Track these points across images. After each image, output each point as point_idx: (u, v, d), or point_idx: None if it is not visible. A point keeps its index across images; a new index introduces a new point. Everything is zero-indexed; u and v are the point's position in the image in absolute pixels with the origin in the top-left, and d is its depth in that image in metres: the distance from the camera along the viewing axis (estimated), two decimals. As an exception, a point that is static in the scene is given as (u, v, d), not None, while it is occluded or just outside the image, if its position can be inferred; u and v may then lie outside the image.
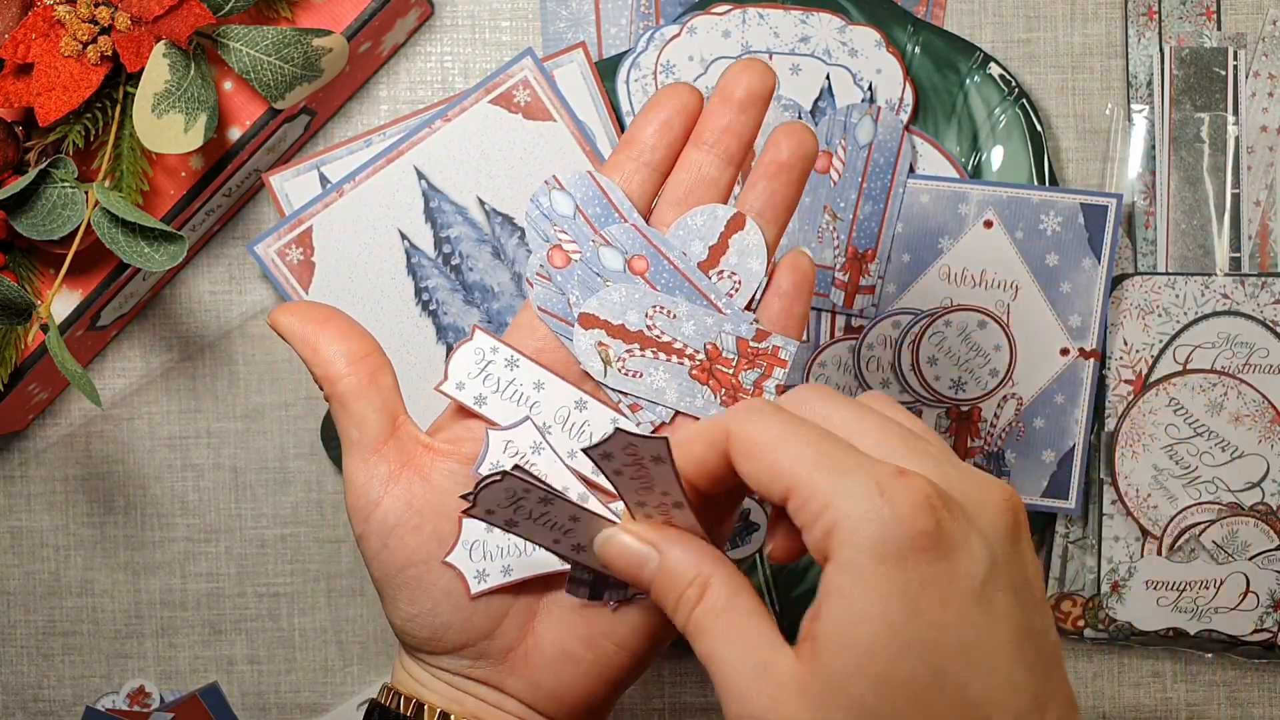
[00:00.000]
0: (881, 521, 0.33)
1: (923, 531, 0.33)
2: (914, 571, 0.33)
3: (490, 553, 0.43)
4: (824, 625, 0.34)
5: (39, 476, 0.70)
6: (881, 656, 0.33)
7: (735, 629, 0.36)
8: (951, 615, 0.33)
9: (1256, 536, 0.65)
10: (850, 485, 0.34)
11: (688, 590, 0.37)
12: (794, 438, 0.35)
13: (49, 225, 0.58)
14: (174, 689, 0.70)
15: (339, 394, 0.43)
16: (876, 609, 0.33)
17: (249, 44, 0.59)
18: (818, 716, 0.33)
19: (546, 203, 0.43)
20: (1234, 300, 0.65)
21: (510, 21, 0.69)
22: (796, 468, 0.34)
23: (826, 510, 0.34)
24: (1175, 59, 0.66)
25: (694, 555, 0.38)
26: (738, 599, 0.37)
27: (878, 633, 0.33)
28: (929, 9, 0.68)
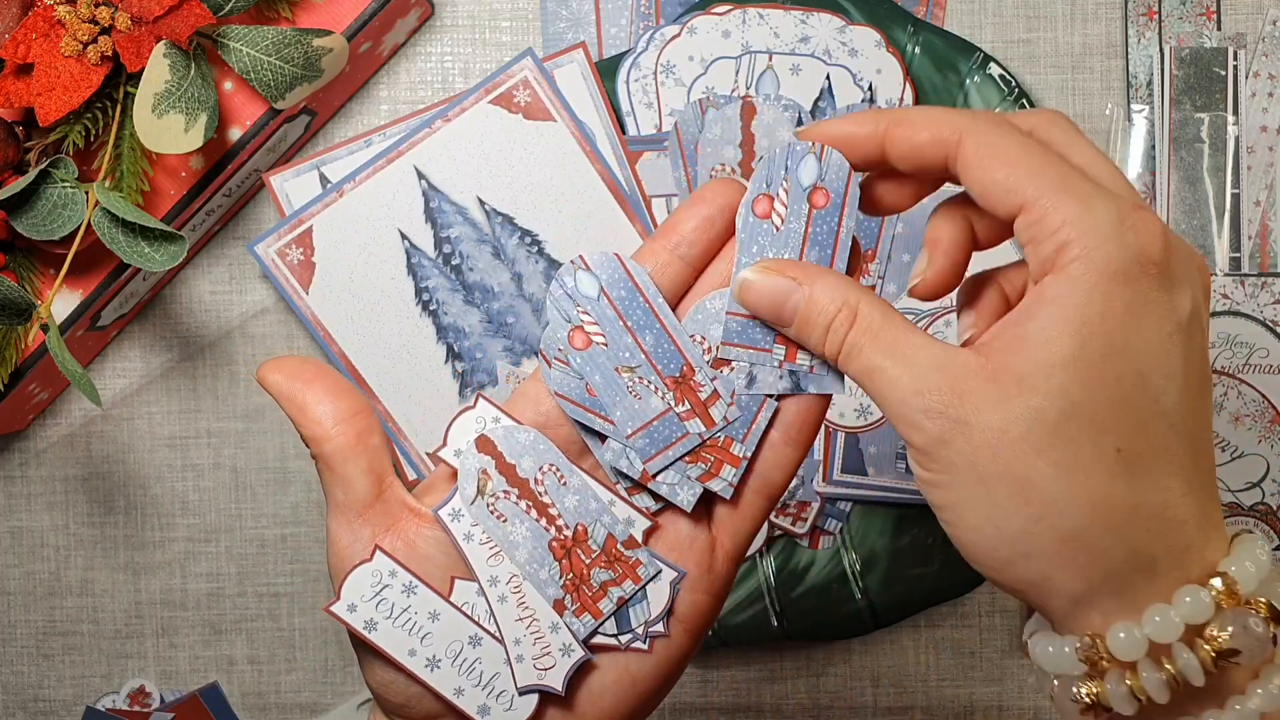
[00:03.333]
0: (1122, 243, 0.35)
1: (1154, 260, 0.36)
2: (1139, 292, 0.35)
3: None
4: (1036, 325, 0.36)
5: (39, 476, 0.70)
6: (1095, 355, 0.35)
7: (895, 340, 0.37)
8: (1161, 336, 0.36)
9: (1256, 536, 0.65)
10: (1093, 206, 0.36)
11: (837, 316, 0.39)
12: (1035, 156, 0.37)
13: (49, 225, 0.58)
14: (174, 689, 0.70)
15: (325, 455, 0.43)
16: (1098, 314, 0.35)
17: (249, 44, 0.59)
18: (1007, 401, 0.35)
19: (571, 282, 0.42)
20: (1234, 300, 0.65)
21: (510, 21, 0.69)
22: (1037, 184, 0.36)
23: (1064, 227, 0.36)
24: (1175, 59, 0.66)
25: (839, 284, 0.39)
26: (890, 317, 0.38)
27: (1094, 335, 0.35)
28: (929, 9, 0.68)
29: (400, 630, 0.42)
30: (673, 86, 0.66)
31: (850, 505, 0.67)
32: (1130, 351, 0.35)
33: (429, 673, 0.42)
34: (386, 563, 0.42)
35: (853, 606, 0.66)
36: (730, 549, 0.43)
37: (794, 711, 0.70)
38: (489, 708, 0.42)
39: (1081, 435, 0.35)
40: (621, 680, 0.43)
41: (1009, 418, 0.35)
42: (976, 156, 0.38)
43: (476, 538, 0.42)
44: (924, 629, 0.69)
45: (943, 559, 0.66)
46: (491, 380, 0.65)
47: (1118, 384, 0.35)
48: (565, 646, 0.42)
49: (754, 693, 0.70)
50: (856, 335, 0.38)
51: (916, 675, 0.70)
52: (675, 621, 0.43)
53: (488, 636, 0.43)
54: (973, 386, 0.36)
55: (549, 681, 0.42)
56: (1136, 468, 0.35)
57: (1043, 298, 0.36)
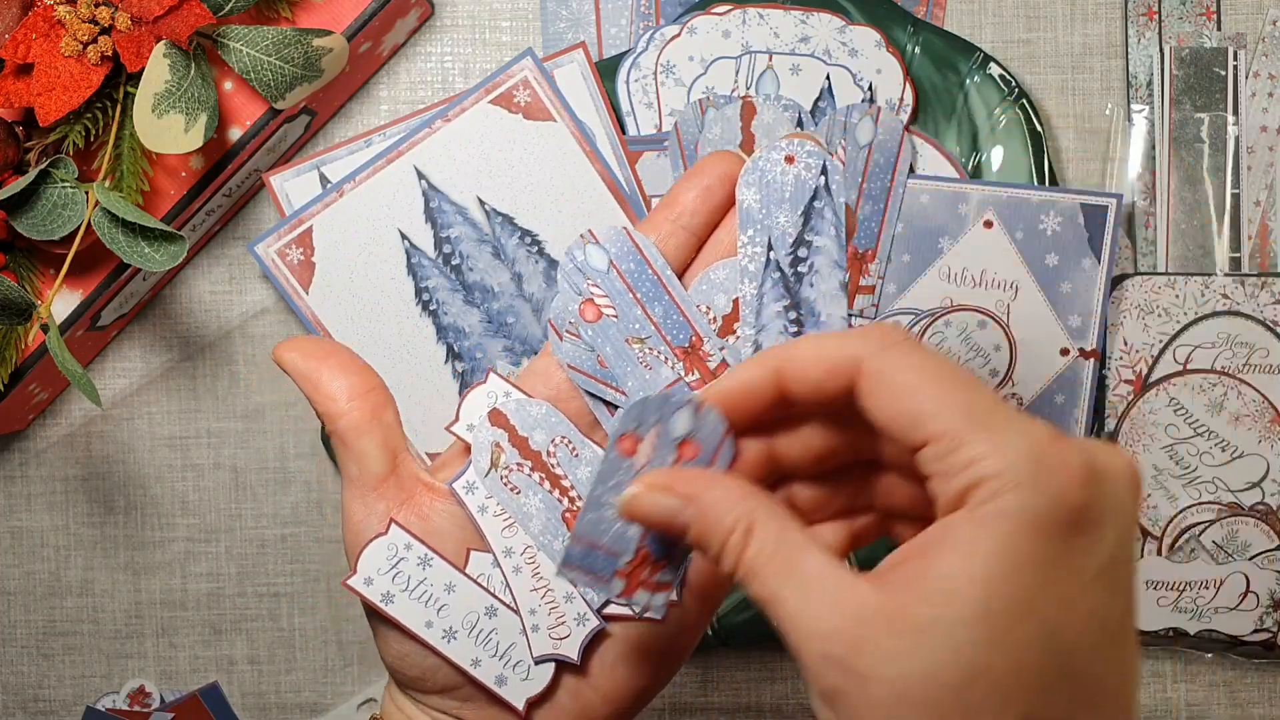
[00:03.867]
0: (1037, 489, 0.32)
1: (1073, 507, 0.32)
2: (1056, 542, 0.32)
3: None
4: (940, 571, 0.32)
5: (39, 476, 0.70)
6: (1001, 615, 0.32)
7: (792, 565, 0.34)
8: (1077, 589, 0.32)
9: (1256, 536, 0.65)
10: (1004, 442, 0.32)
11: (731, 537, 0.35)
12: (940, 381, 0.34)
13: (49, 225, 0.58)
14: (174, 689, 0.70)
15: (340, 430, 0.43)
16: (1007, 570, 0.32)
17: (249, 44, 0.59)
18: (906, 655, 0.32)
19: (581, 256, 0.43)
20: (1234, 300, 0.65)
21: (510, 21, 0.69)
22: (944, 415, 0.33)
23: (974, 465, 0.33)
24: (1175, 59, 0.66)
25: (733, 497, 0.35)
26: (786, 534, 0.35)
27: (1002, 593, 0.32)
28: (929, 9, 0.68)
29: (417, 602, 0.43)
30: (673, 86, 0.66)
31: (850, 505, 0.67)
32: (1039, 612, 0.32)
33: (446, 644, 0.43)
34: (402, 536, 0.43)
35: (853, 606, 0.66)
36: None
37: (794, 711, 0.70)
38: (505, 678, 0.43)
39: (983, 702, 0.32)
40: (635, 649, 0.43)
41: (908, 674, 0.32)
42: (876, 385, 0.34)
43: (491, 510, 0.43)
44: (924, 629, 0.69)
45: (943, 559, 0.66)
46: (491, 380, 0.65)
47: (1025, 648, 0.32)
48: (580, 616, 0.43)
49: (754, 693, 0.70)
50: (751, 558, 0.34)
51: (916, 675, 0.69)
52: (688, 591, 0.43)
53: (503, 607, 0.43)
54: (870, 634, 0.32)
55: (564, 651, 0.43)
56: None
57: (948, 539, 0.33)
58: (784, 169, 0.41)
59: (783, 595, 0.34)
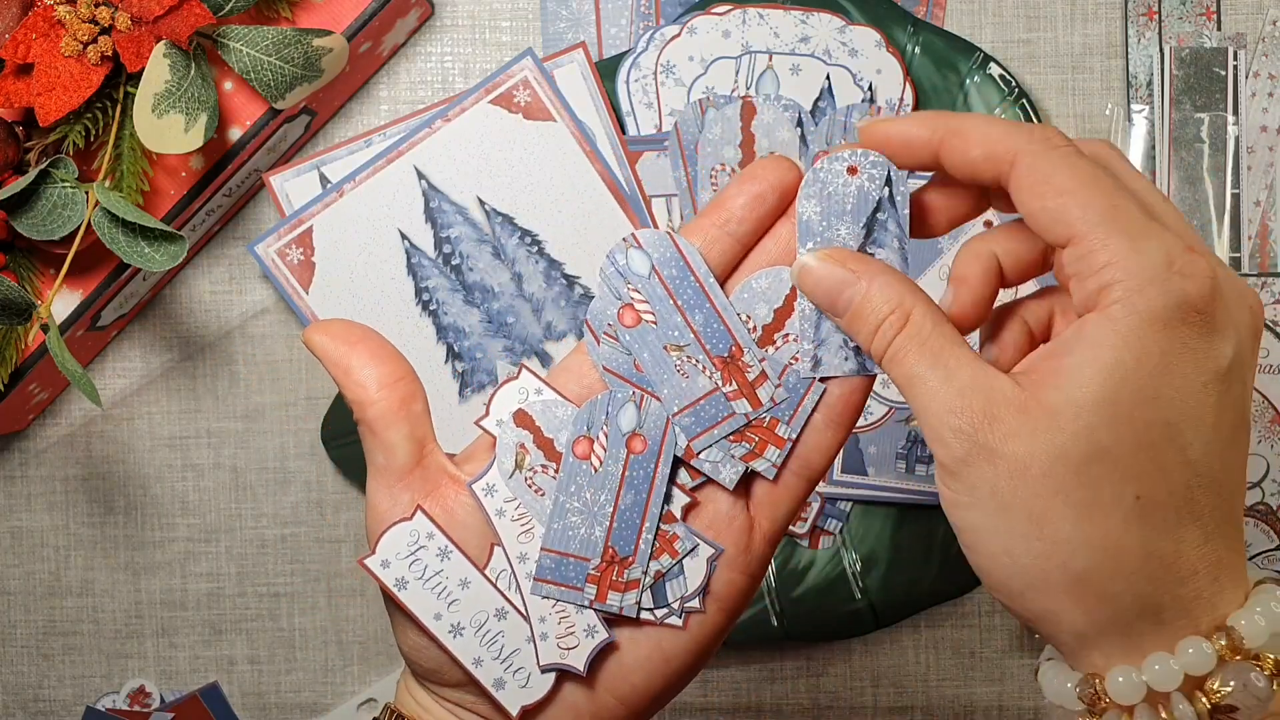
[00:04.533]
0: (1166, 289, 0.35)
1: (1198, 309, 0.35)
2: (1179, 339, 0.35)
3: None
4: (1072, 362, 0.35)
5: (39, 476, 0.70)
6: (1126, 401, 0.35)
7: (941, 351, 0.37)
8: (1196, 385, 0.35)
9: (1256, 536, 0.65)
10: (1142, 247, 0.35)
11: (890, 317, 0.38)
12: (1089, 187, 0.36)
13: (49, 225, 0.58)
14: (174, 689, 0.70)
15: (369, 419, 0.43)
16: (1133, 359, 0.35)
17: (249, 44, 0.59)
18: (1034, 434, 0.35)
19: (623, 260, 0.42)
20: (1234, 300, 0.65)
21: (510, 21, 0.69)
22: (1088, 218, 0.35)
23: (1110, 266, 0.35)
24: (1175, 59, 0.66)
25: (898, 285, 0.39)
26: (942, 327, 0.38)
27: (1128, 379, 0.35)
28: (929, 9, 0.68)
29: (429, 593, 0.42)
30: (673, 86, 0.66)
31: (850, 505, 0.67)
32: (1162, 400, 0.35)
33: (451, 639, 0.42)
34: (425, 524, 0.43)
35: (853, 606, 0.66)
36: (768, 530, 0.43)
37: (794, 711, 0.70)
38: (504, 682, 0.42)
39: (1102, 479, 0.35)
40: (653, 656, 0.43)
41: (1034, 451, 0.35)
42: (1029, 181, 0.37)
43: (509, 514, 0.43)
44: (924, 629, 0.69)
45: (942, 559, 0.66)
46: (491, 380, 0.65)
47: (1145, 431, 0.35)
48: (589, 627, 0.43)
49: (754, 693, 0.70)
50: (904, 340, 0.38)
51: (916, 675, 0.70)
52: (711, 599, 0.43)
53: (514, 612, 0.43)
54: (1004, 414, 0.36)
55: (571, 661, 0.42)
56: (1153, 516, 0.35)
57: (1082, 335, 0.36)
58: (846, 180, 0.41)
59: (926, 375, 0.37)
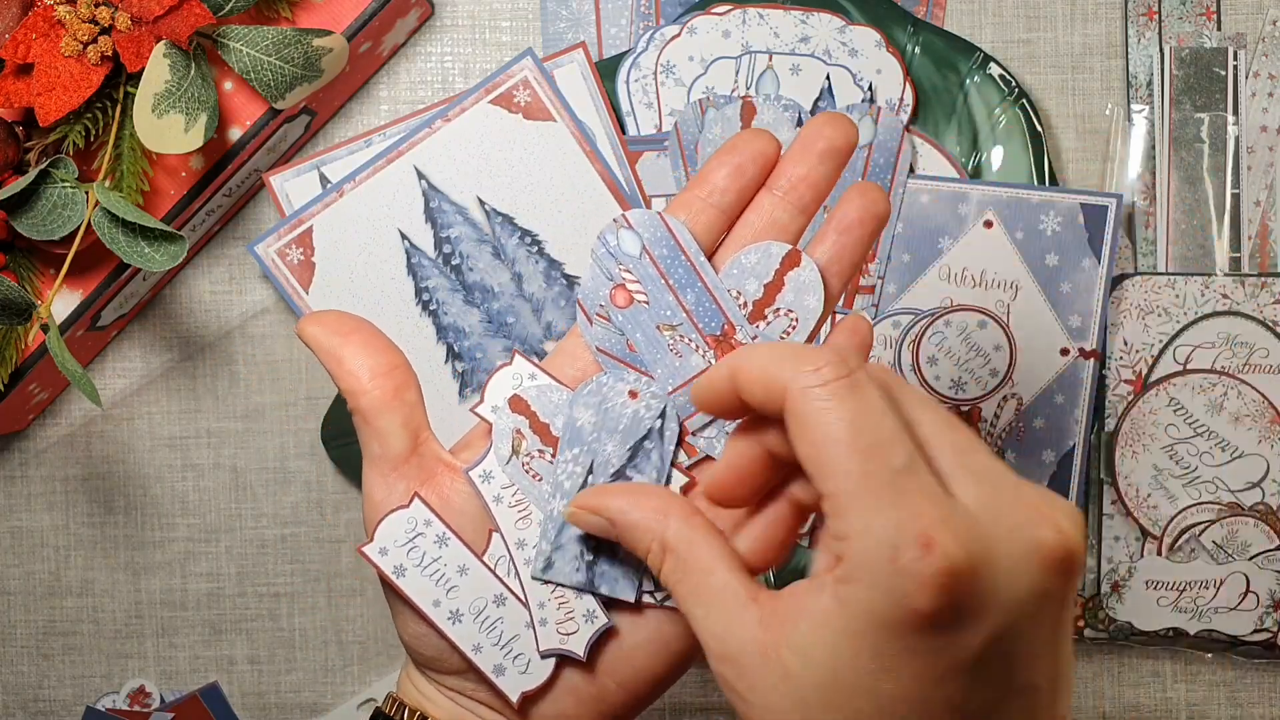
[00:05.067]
0: (885, 589, 0.32)
1: (921, 612, 0.32)
2: (899, 641, 0.33)
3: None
4: (800, 631, 0.34)
5: (39, 476, 0.70)
6: (841, 690, 0.33)
7: (697, 585, 0.37)
8: (925, 681, 0.33)
9: (1256, 536, 0.65)
10: (871, 528, 0.33)
11: (650, 555, 0.38)
12: (845, 439, 0.33)
13: (49, 225, 0.58)
14: (174, 689, 0.70)
15: (362, 408, 0.43)
16: (848, 652, 0.33)
17: (249, 44, 0.59)
18: (772, 690, 0.35)
19: (614, 241, 0.43)
20: (1234, 300, 0.65)
21: (510, 21, 0.69)
22: (838, 478, 0.33)
23: (844, 541, 0.33)
24: (1175, 59, 0.66)
25: (647, 516, 0.38)
26: (694, 552, 0.37)
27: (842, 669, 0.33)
28: (929, 9, 0.68)
29: (428, 579, 0.43)
30: (673, 86, 0.66)
31: (850, 505, 0.67)
32: (878, 696, 0.33)
33: (450, 625, 0.42)
34: (423, 511, 0.43)
35: (853, 606, 0.66)
36: None
37: (794, 711, 0.70)
38: (504, 668, 0.43)
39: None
40: (654, 640, 0.43)
41: (772, 707, 0.35)
42: (793, 420, 0.34)
43: (506, 500, 0.43)
44: (924, 629, 0.69)
45: (943, 559, 0.66)
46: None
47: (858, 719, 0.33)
48: (589, 613, 0.43)
49: (754, 693, 0.70)
50: (667, 575, 0.38)
51: (916, 675, 0.69)
52: None
53: (512, 598, 0.43)
54: (750, 664, 0.35)
55: (571, 646, 0.43)
56: None
57: (817, 603, 0.34)
58: (626, 402, 0.42)
59: (695, 614, 0.37)
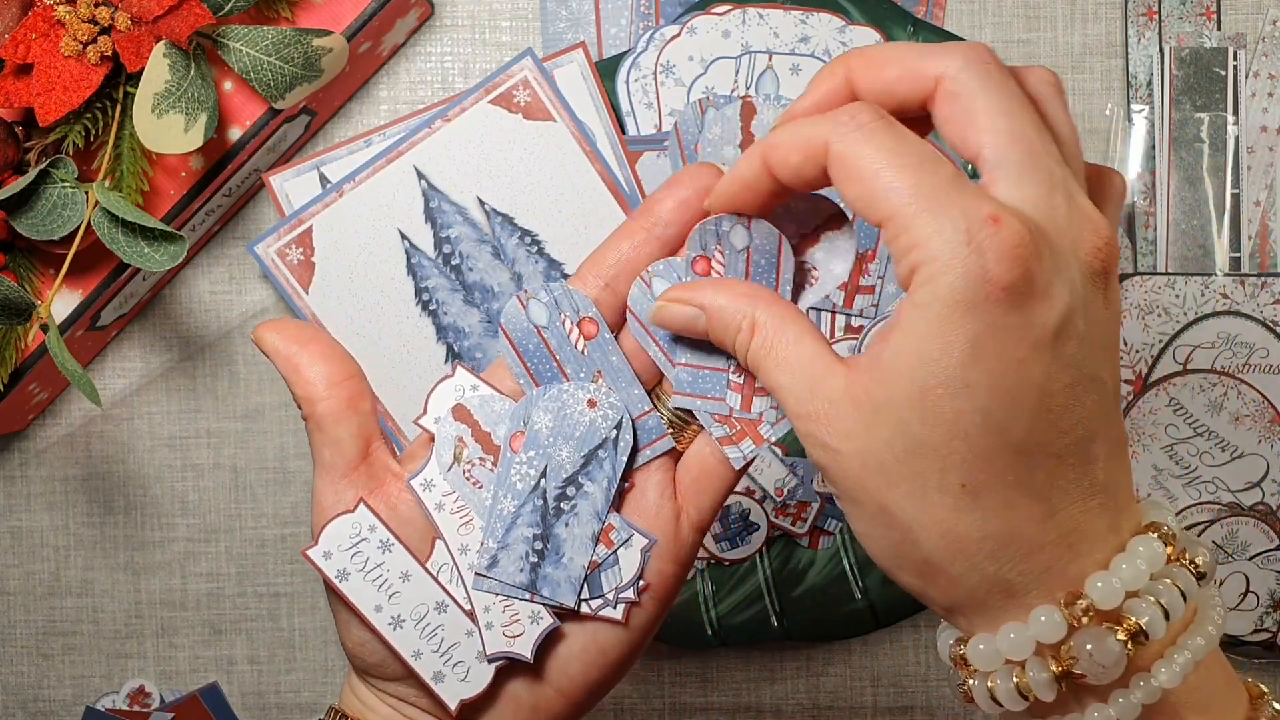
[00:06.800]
0: (964, 270, 0.34)
1: (1001, 284, 0.34)
2: (984, 320, 0.34)
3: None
4: (887, 352, 0.35)
5: (39, 476, 0.70)
6: (933, 393, 0.35)
7: (786, 354, 0.38)
8: (1012, 364, 0.34)
9: (1256, 536, 0.65)
10: (941, 225, 0.34)
11: (739, 334, 0.39)
12: (894, 163, 0.35)
13: (49, 225, 0.58)
14: (174, 689, 0.70)
15: (317, 415, 0.44)
16: (937, 349, 0.34)
17: (249, 44, 0.59)
18: (867, 430, 0.36)
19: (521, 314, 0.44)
20: (1234, 300, 0.65)
21: (510, 21, 0.69)
22: (894, 197, 0.35)
23: (915, 249, 0.34)
24: (1175, 59, 0.66)
25: (733, 299, 0.40)
26: (783, 328, 0.39)
27: (933, 372, 0.34)
28: (929, 9, 0.68)
29: (370, 585, 0.43)
30: (673, 86, 0.66)
31: (850, 505, 0.67)
32: (973, 387, 0.34)
33: (391, 631, 0.43)
34: (368, 516, 0.43)
35: (853, 606, 0.66)
36: (695, 519, 0.44)
37: (794, 711, 0.70)
38: (444, 675, 0.43)
39: (926, 469, 0.35)
40: (589, 648, 0.44)
41: (867, 447, 0.36)
42: (836, 169, 0.36)
43: (448, 507, 0.43)
44: (924, 629, 0.69)
45: (943, 559, 0.66)
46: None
47: (957, 421, 0.35)
48: (534, 614, 0.43)
49: (754, 693, 0.70)
50: (755, 352, 0.39)
51: (916, 675, 0.70)
52: (647, 594, 0.44)
53: (454, 605, 0.43)
54: (839, 413, 0.36)
55: (518, 649, 0.43)
56: (983, 499, 0.35)
57: (899, 323, 0.35)
58: (583, 410, 0.43)
59: (781, 382, 0.38)
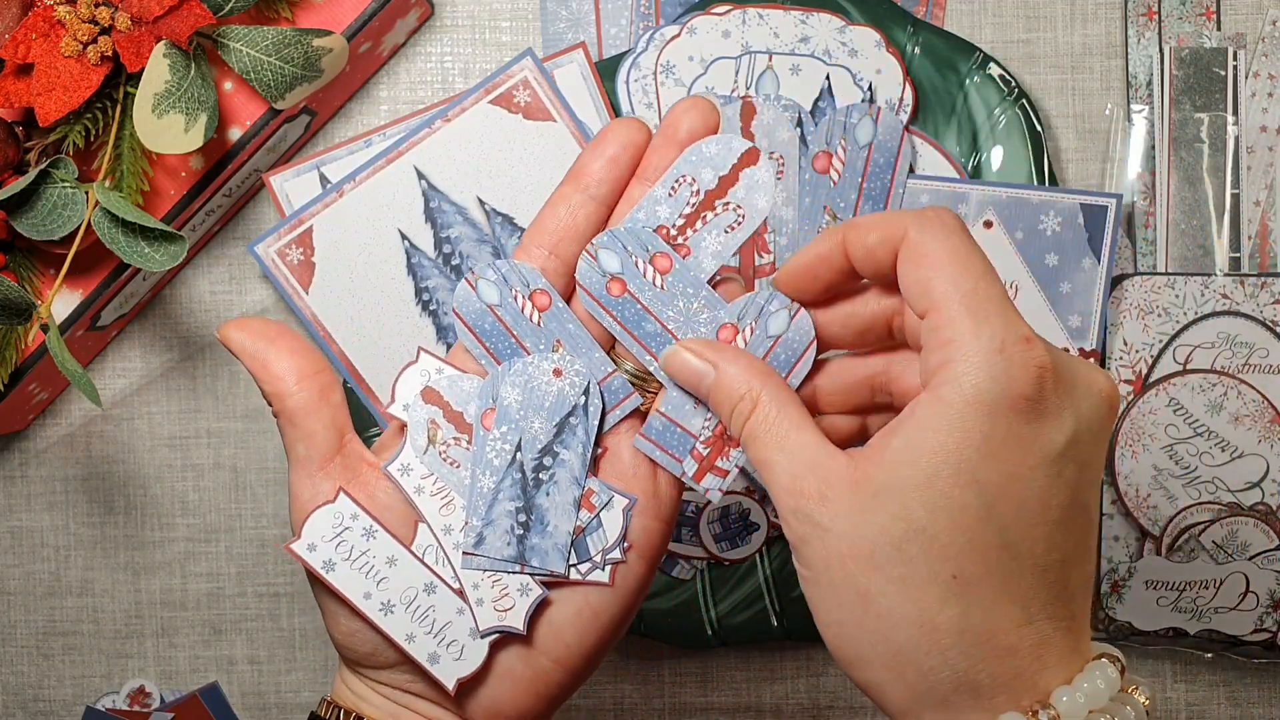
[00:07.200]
0: (992, 374, 0.36)
1: (1023, 395, 0.36)
2: (1001, 423, 0.36)
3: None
4: (896, 441, 0.37)
5: (39, 476, 0.70)
6: (945, 481, 0.36)
7: (786, 435, 0.39)
8: (1021, 470, 0.36)
9: (1256, 536, 0.65)
10: (980, 330, 0.36)
11: (740, 404, 0.40)
12: (958, 264, 0.37)
13: (49, 225, 0.58)
14: (174, 689, 0.70)
15: (288, 410, 0.44)
16: (954, 441, 0.36)
17: (249, 44, 0.59)
18: (861, 513, 0.37)
19: (475, 299, 0.44)
20: (1234, 300, 0.65)
21: (510, 21, 0.69)
22: (947, 292, 0.37)
23: (951, 344, 0.37)
24: (1175, 59, 0.66)
25: (746, 371, 0.41)
26: (787, 410, 0.40)
27: (947, 461, 0.36)
28: (929, 9, 0.68)
29: (358, 573, 0.43)
30: (673, 86, 0.66)
31: (850, 505, 0.67)
32: (981, 484, 0.36)
33: (382, 617, 0.43)
34: (349, 505, 0.43)
35: (853, 606, 0.66)
36: (670, 475, 0.45)
37: (794, 711, 0.70)
38: (439, 655, 0.43)
39: (919, 557, 0.36)
40: (582, 612, 0.44)
41: (860, 529, 0.37)
42: (907, 252, 0.38)
43: (427, 490, 0.44)
44: (924, 629, 0.69)
45: (943, 559, 0.66)
46: (491, 380, 0.65)
47: (961, 514, 0.36)
48: (523, 586, 0.43)
49: (754, 693, 0.70)
50: (753, 425, 0.40)
51: (916, 675, 0.69)
52: (633, 551, 0.44)
53: (442, 585, 0.43)
54: (836, 494, 0.37)
55: (510, 622, 0.43)
56: (970, 594, 0.36)
57: (913, 415, 0.37)
58: (550, 380, 0.44)
59: (773, 459, 0.39)
